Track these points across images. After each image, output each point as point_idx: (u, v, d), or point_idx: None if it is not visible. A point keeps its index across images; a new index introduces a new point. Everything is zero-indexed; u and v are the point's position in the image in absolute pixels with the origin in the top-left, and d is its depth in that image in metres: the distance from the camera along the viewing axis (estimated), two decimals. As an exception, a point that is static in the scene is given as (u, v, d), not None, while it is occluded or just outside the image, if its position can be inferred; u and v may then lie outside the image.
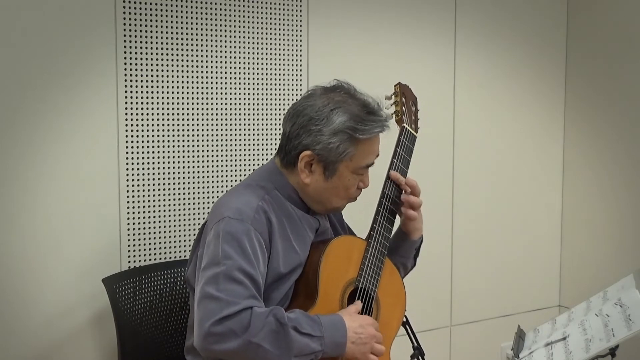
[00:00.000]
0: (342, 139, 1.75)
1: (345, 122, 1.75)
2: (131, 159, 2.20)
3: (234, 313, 1.58)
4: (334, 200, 1.84)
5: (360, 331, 1.71)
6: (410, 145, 1.97)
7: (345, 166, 1.79)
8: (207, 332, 1.58)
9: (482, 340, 3.07)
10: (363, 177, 1.85)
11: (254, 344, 1.58)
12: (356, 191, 1.86)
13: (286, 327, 1.61)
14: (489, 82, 3.01)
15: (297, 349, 1.62)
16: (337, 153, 1.76)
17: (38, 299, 2.09)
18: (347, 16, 2.61)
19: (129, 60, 2.17)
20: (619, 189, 3.02)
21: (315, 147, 1.76)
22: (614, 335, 1.59)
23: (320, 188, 1.81)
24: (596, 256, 3.11)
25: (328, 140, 1.75)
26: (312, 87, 1.86)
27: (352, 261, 1.83)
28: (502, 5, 3.00)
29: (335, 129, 1.75)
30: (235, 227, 1.67)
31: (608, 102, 3.04)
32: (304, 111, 1.79)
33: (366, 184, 1.87)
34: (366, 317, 1.77)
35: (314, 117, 1.77)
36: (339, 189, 1.82)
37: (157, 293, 2.12)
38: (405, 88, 2.05)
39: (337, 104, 1.77)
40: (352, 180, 1.82)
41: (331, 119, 1.75)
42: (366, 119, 1.77)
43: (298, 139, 1.78)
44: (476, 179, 3.00)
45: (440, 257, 2.95)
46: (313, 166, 1.79)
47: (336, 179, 1.80)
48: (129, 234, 2.21)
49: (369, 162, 1.83)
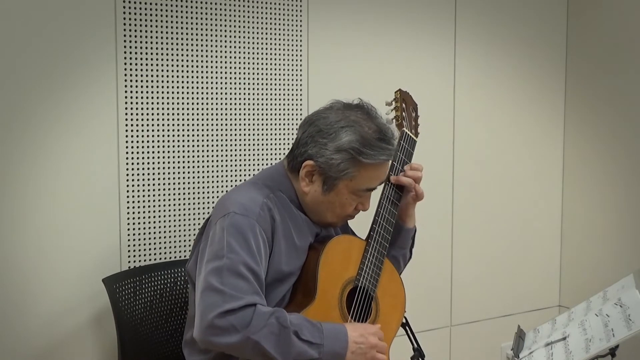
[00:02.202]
0: (344, 158, 1.75)
1: (351, 143, 1.74)
2: (131, 159, 2.20)
3: (237, 308, 1.59)
4: (328, 215, 1.84)
5: (360, 341, 1.70)
6: (410, 149, 1.97)
7: (345, 185, 1.78)
8: (209, 324, 1.58)
9: (482, 340, 3.07)
10: (362, 200, 1.83)
11: (253, 340, 1.58)
12: (353, 211, 1.85)
13: (287, 331, 1.61)
14: (489, 84, 3.01)
15: (295, 354, 1.62)
16: (337, 170, 1.76)
17: (38, 298, 2.09)
18: (347, 17, 2.61)
19: (129, 60, 2.17)
20: (618, 189, 3.01)
21: (318, 159, 1.76)
22: (614, 335, 1.59)
23: (317, 200, 1.81)
24: (596, 256, 3.11)
25: (331, 155, 1.75)
26: (335, 100, 1.85)
27: (351, 260, 1.83)
28: (501, 7, 3.00)
29: (339, 146, 1.75)
30: (240, 222, 1.68)
31: (608, 102, 3.04)
32: (316, 122, 1.80)
33: (366, 207, 1.85)
34: (369, 326, 1.76)
35: (323, 130, 1.77)
36: (334, 205, 1.81)
37: (157, 293, 2.12)
38: (406, 94, 2.05)
39: (349, 123, 1.76)
40: (349, 199, 1.81)
41: (339, 135, 1.75)
42: (374, 145, 1.76)
43: (305, 147, 1.79)
44: (476, 179, 3.00)
45: (441, 257, 2.94)
46: (314, 177, 1.79)
47: (333, 195, 1.79)
48: (129, 234, 2.21)
49: (370, 187, 1.82)
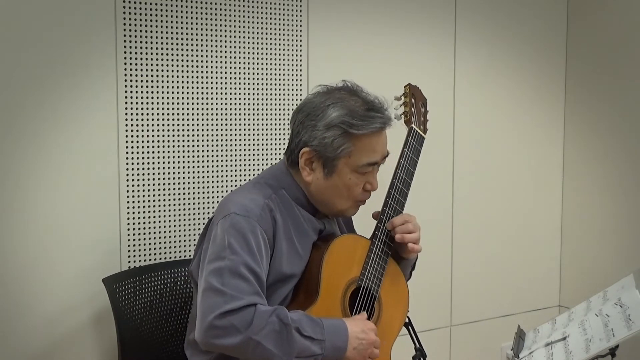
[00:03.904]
0: (335, 134, 1.72)
1: (340, 117, 1.72)
2: (131, 159, 2.20)
3: (238, 308, 1.58)
4: (337, 202, 1.80)
5: (362, 337, 1.70)
6: (418, 147, 1.93)
7: (345, 163, 1.75)
8: (209, 325, 1.58)
9: (482, 340, 3.07)
10: (368, 177, 1.79)
11: (254, 341, 1.58)
12: (362, 193, 1.80)
13: (289, 328, 1.61)
14: (489, 84, 3.01)
15: (298, 351, 1.62)
16: (332, 148, 1.73)
17: (38, 298, 2.09)
18: (347, 17, 2.61)
19: (129, 60, 2.17)
20: (618, 189, 3.01)
21: (312, 143, 1.74)
22: (614, 335, 1.59)
23: (322, 187, 1.78)
24: (596, 256, 3.11)
25: (322, 135, 1.73)
26: (318, 85, 1.84)
27: (355, 260, 1.81)
28: (501, 7, 3.00)
29: (329, 123, 1.72)
30: (241, 223, 1.67)
31: (608, 102, 3.04)
32: (303, 108, 1.79)
33: (374, 185, 1.80)
34: (368, 322, 1.75)
35: (310, 113, 1.76)
36: (340, 189, 1.77)
37: (157, 293, 2.12)
38: (415, 89, 2.02)
39: (335, 100, 1.75)
40: (353, 179, 1.77)
41: (326, 113, 1.73)
42: (364, 115, 1.73)
43: (298, 136, 1.77)
44: (476, 179, 3.00)
45: (440, 257, 2.94)
46: (314, 164, 1.77)
47: (336, 177, 1.76)
48: (129, 234, 2.21)
49: (370, 161, 1.77)
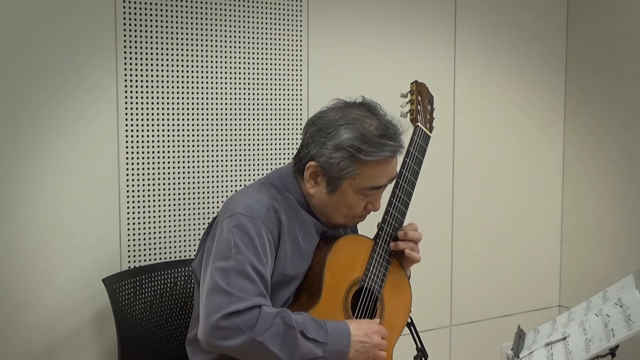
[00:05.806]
0: (343, 156, 1.70)
1: (350, 140, 1.70)
2: (131, 159, 2.20)
3: (243, 309, 1.57)
4: (336, 217, 1.80)
5: (365, 340, 1.69)
6: (424, 145, 1.91)
7: (349, 184, 1.74)
8: (214, 326, 1.57)
9: (482, 340, 3.07)
10: (372, 199, 1.78)
11: (258, 342, 1.57)
12: (362, 211, 1.80)
13: (293, 331, 1.60)
14: (489, 85, 3.01)
15: (301, 354, 1.62)
16: (338, 169, 1.72)
17: (39, 298, 2.09)
18: (347, 17, 2.61)
19: (129, 60, 2.17)
20: (618, 189, 3.01)
21: (319, 160, 1.73)
22: (614, 335, 1.59)
23: (324, 201, 1.77)
24: (596, 256, 3.11)
25: (330, 154, 1.71)
26: (337, 99, 1.81)
27: (358, 261, 1.80)
28: (501, 8, 3.00)
29: (338, 144, 1.70)
30: (246, 223, 1.66)
31: (608, 102, 3.04)
32: (316, 121, 1.77)
33: (376, 207, 1.80)
34: (372, 324, 1.74)
35: (322, 129, 1.74)
36: (341, 206, 1.77)
37: (157, 293, 2.12)
38: (422, 86, 1.99)
39: (348, 120, 1.72)
40: (355, 199, 1.76)
41: (338, 133, 1.71)
42: (375, 142, 1.70)
43: (307, 148, 1.76)
44: (476, 179, 3.00)
45: (440, 257, 2.94)
46: (318, 178, 1.76)
47: (339, 196, 1.75)
48: (129, 234, 2.21)
49: (375, 185, 1.75)
